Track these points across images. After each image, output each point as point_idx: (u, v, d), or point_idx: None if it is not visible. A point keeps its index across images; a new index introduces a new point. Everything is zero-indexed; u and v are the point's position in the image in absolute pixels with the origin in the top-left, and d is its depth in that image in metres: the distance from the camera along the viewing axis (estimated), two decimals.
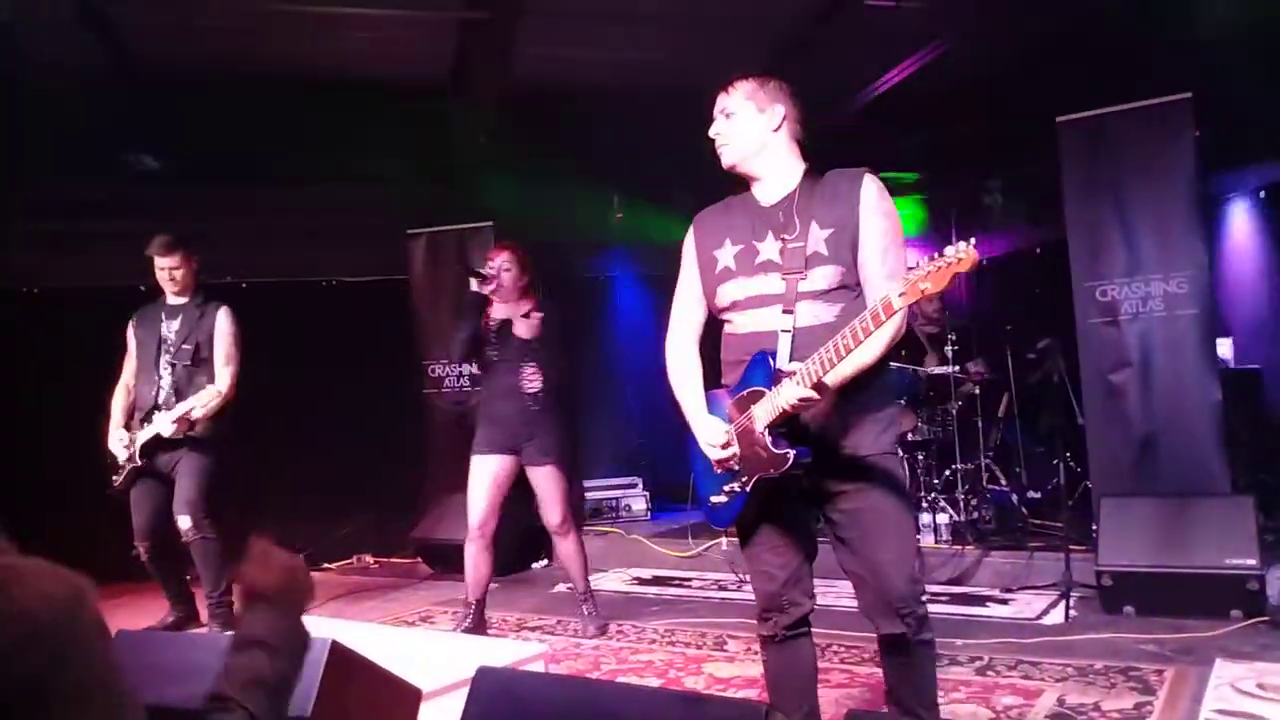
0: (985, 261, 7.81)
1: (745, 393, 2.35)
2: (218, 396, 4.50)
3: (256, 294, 6.31)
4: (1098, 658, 3.71)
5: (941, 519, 5.61)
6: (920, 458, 5.86)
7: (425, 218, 6.98)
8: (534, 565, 6.39)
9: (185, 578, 4.74)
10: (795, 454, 2.25)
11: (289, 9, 5.15)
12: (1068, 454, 5.14)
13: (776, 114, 2.44)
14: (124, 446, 4.54)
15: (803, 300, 2.35)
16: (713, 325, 2.60)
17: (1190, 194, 4.86)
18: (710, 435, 2.40)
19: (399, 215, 6.95)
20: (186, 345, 4.61)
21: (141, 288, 4.93)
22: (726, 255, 2.48)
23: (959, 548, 5.34)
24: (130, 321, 4.79)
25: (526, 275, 4.51)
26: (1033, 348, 5.44)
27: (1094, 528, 4.63)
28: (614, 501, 7.45)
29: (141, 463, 4.54)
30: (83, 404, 4.79)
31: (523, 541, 6.12)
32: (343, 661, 1.57)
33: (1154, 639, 3.91)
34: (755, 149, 2.44)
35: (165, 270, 4.64)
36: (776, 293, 2.37)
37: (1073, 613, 4.34)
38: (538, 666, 2.81)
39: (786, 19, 5.56)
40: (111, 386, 4.74)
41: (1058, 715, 3.13)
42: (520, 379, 4.42)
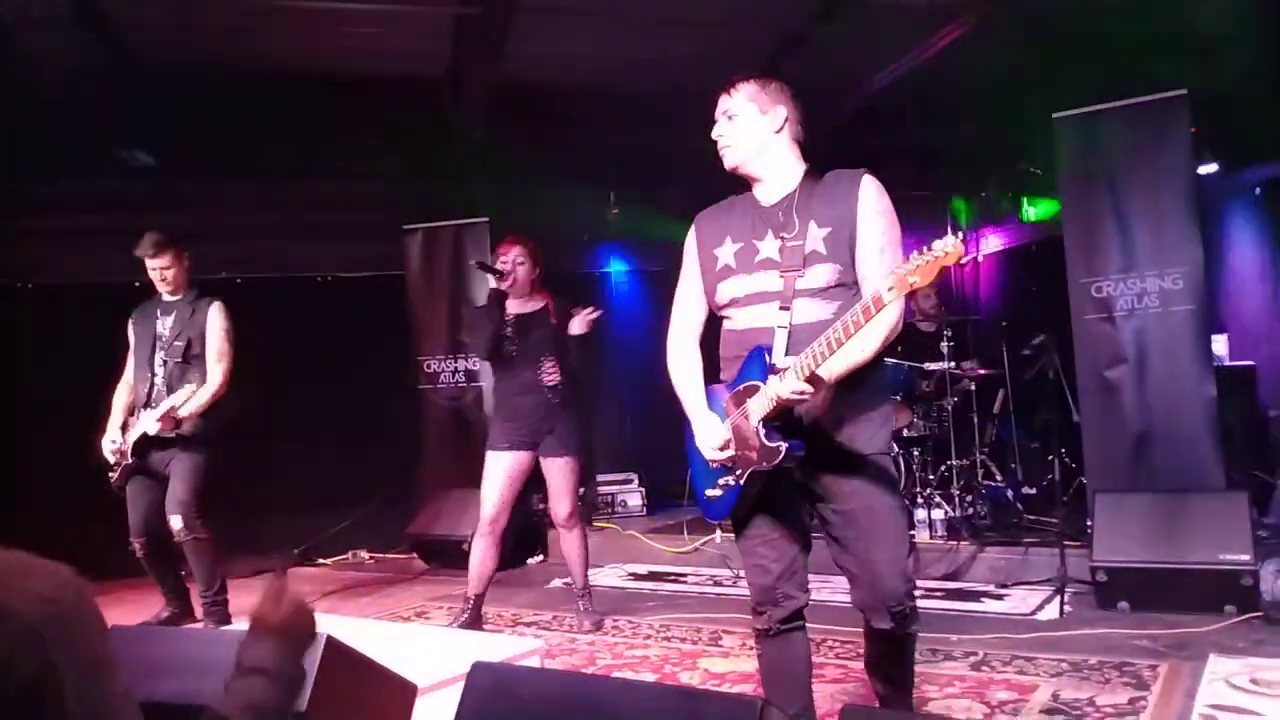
0: (981, 258, 7.85)
1: (742, 387, 2.37)
2: (207, 393, 4.50)
3: (252, 289, 6.31)
4: (1092, 653, 3.71)
5: (937, 514, 5.62)
6: (916, 453, 5.86)
7: (421, 213, 6.97)
8: (529, 561, 6.40)
9: (180, 574, 4.73)
10: (788, 447, 2.27)
11: (284, 5, 5.14)
12: (1063, 450, 5.14)
13: (778, 115, 2.45)
14: (112, 449, 4.53)
15: (800, 297, 2.36)
16: (713, 322, 2.61)
17: (1186, 191, 4.87)
18: (710, 437, 2.41)
19: (395, 211, 6.95)
20: (178, 342, 4.59)
21: (137, 284, 4.91)
22: (727, 253, 2.49)
23: (954, 543, 5.36)
24: (130, 318, 4.78)
25: (538, 269, 4.51)
26: (1028, 344, 5.45)
27: (1089, 523, 4.64)
28: (610, 497, 7.44)
29: (133, 461, 4.54)
30: (79, 399, 4.78)
31: (518, 538, 6.12)
32: (338, 657, 1.57)
33: (1148, 634, 3.92)
34: (757, 150, 2.46)
35: (156, 270, 4.62)
36: (774, 290, 2.39)
37: (1067, 608, 4.35)
38: (533, 662, 2.81)
39: (785, 18, 5.56)
40: (108, 382, 4.72)
41: (1052, 710, 3.14)
42: (540, 373, 4.41)
